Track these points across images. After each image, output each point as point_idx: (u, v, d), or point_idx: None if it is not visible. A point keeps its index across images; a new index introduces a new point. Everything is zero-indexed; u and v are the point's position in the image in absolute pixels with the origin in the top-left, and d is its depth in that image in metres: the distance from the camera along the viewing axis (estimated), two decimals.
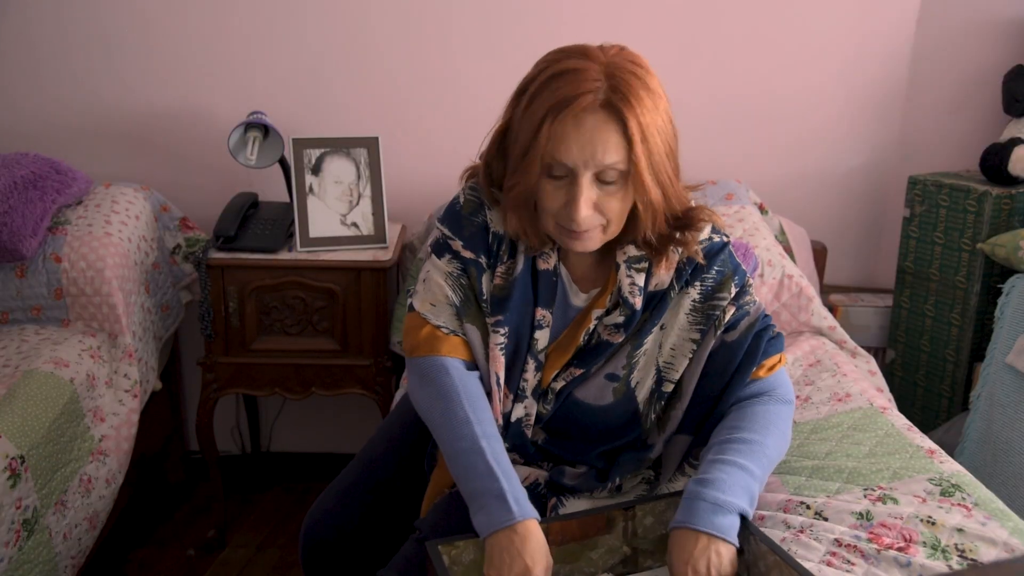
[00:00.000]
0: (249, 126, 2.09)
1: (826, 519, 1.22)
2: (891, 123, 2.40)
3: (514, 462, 1.26)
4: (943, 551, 1.14)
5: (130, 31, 2.26)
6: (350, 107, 2.32)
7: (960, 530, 1.17)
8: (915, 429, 1.50)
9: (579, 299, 1.24)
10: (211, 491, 2.25)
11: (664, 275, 1.20)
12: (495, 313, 1.20)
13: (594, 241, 1.14)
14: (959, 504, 1.24)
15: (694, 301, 1.21)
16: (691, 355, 1.21)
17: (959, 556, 1.13)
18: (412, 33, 2.28)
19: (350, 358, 2.07)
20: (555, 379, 1.23)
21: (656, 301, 1.21)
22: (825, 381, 1.72)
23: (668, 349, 1.22)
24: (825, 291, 2.41)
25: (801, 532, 1.20)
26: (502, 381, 1.21)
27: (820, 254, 2.35)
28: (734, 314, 1.21)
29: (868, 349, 2.28)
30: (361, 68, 2.30)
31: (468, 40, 2.28)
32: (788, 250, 2.20)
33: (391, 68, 2.31)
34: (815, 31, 2.31)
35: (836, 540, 1.17)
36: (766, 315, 1.25)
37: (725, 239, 1.23)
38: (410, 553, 1.21)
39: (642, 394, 1.23)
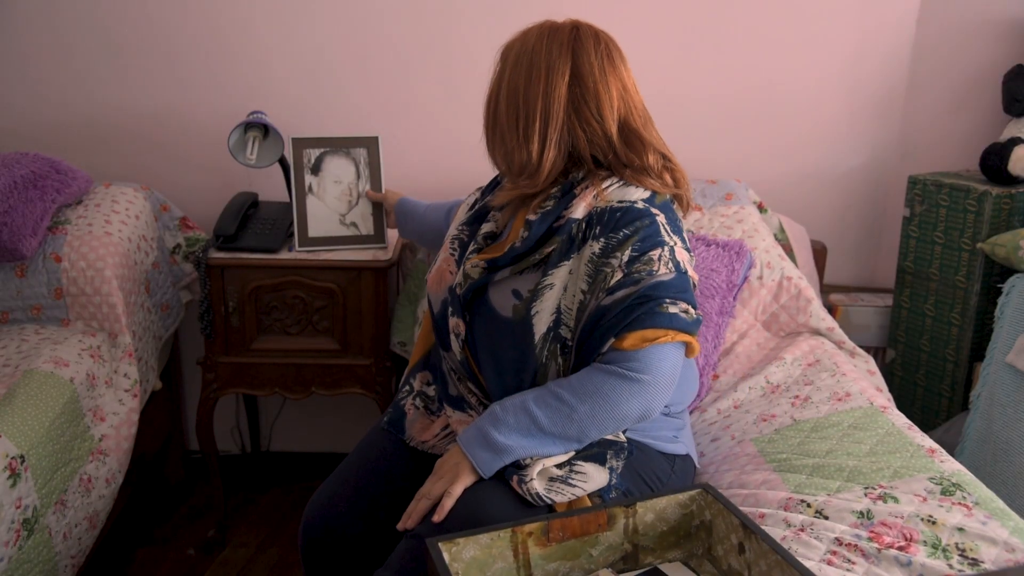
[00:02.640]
0: (249, 126, 2.09)
1: (827, 518, 1.22)
2: (891, 123, 2.40)
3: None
4: (943, 550, 1.14)
5: (130, 31, 2.26)
6: (350, 107, 2.32)
7: (961, 529, 1.17)
8: (915, 428, 1.50)
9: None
10: (211, 491, 2.25)
11: (578, 211, 1.26)
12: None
13: None
14: (960, 503, 1.23)
15: (594, 254, 1.24)
16: (577, 306, 1.24)
17: (959, 555, 1.13)
18: (412, 32, 2.28)
19: (350, 358, 2.07)
20: (473, 264, 1.32)
21: (565, 236, 1.25)
22: (824, 381, 1.72)
23: (571, 295, 1.25)
24: (825, 291, 2.41)
25: (802, 531, 1.20)
26: (457, 245, 1.42)
27: (820, 254, 2.35)
28: (619, 280, 1.22)
29: (868, 349, 2.28)
30: (361, 67, 2.30)
31: (468, 40, 2.28)
32: (788, 248, 2.20)
33: (391, 67, 2.31)
34: (815, 31, 2.31)
35: (837, 539, 1.17)
36: (658, 288, 1.20)
37: (653, 212, 1.25)
38: (406, 552, 1.22)
39: (539, 327, 1.25)
